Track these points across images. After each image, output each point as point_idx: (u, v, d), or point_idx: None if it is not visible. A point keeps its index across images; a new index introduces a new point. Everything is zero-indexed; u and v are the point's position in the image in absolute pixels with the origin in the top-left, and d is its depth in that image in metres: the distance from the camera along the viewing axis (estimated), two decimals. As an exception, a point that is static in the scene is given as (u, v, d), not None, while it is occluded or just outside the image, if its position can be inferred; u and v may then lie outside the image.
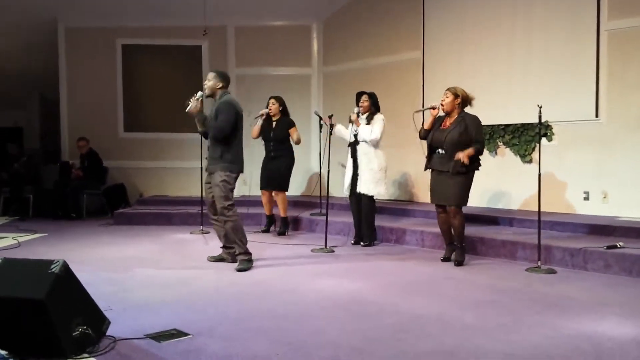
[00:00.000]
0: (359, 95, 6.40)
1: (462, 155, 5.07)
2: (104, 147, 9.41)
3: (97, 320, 3.16)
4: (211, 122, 5.17)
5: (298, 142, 7.15)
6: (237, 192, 9.35)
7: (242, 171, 5.34)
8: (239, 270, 5.09)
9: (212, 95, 5.22)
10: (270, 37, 9.78)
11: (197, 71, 9.62)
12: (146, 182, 9.94)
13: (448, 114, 5.31)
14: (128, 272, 5.04)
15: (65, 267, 2.95)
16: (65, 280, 2.94)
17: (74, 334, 2.93)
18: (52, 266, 2.89)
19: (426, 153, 5.44)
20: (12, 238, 6.78)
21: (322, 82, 9.78)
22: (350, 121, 6.33)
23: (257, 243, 6.55)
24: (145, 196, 9.77)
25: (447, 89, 5.33)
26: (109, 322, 3.25)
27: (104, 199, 9.36)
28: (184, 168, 9.48)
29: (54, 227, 7.85)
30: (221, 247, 5.45)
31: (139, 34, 9.78)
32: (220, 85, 5.20)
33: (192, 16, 9.29)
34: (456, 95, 5.27)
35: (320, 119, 6.86)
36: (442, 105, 5.29)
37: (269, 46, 9.76)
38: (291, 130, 7.06)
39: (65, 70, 9.84)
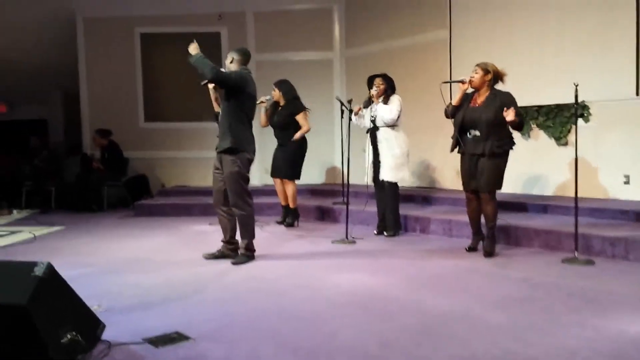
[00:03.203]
0: (371, 78, 6.05)
1: (512, 112, 4.62)
2: (124, 138, 9.27)
3: (90, 324, 2.93)
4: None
5: (305, 130, 6.67)
6: (260, 180, 9.20)
7: (253, 154, 5.00)
8: (235, 263, 4.85)
9: None
10: (290, 21, 9.45)
11: (216, 58, 9.28)
12: (168, 172, 9.78)
13: (477, 90, 4.95)
14: (138, 268, 4.83)
15: (50, 270, 2.71)
16: (51, 284, 2.70)
17: (62, 341, 2.70)
18: (36, 269, 2.66)
19: (453, 133, 5.06)
20: (29, 232, 6.66)
21: (345, 66, 9.42)
22: (366, 105, 6.01)
23: (275, 235, 6.32)
24: (167, 187, 9.62)
25: (477, 65, 4.97)
26: (104, 326, 3.03)
27: (126, 191, 9.23)
28: (205, 158, 9.18)
29: (74, 220, 7.73)
30: (223, 242, 5.12)
31: (158, 22, 9.58)
32: (232, 58, 4.95)
33: (210, 2, 9.04)
34: (487, 71, 4.90)
35: (342, 104, 6.51)
36: (472, 81, 4.92)
37: (289, 31, 9.44)
38: (298, 118, 6.67)
39: (84, 61, 9.72)
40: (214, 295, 3.96)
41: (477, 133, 4.87)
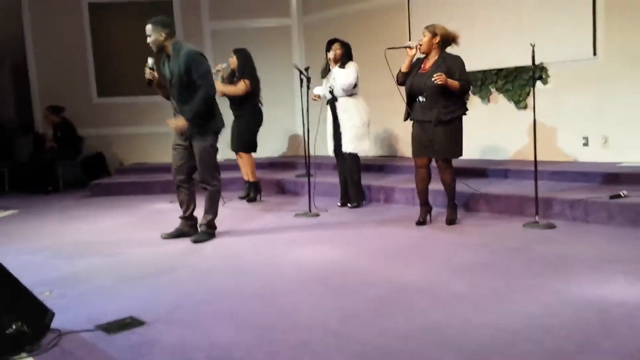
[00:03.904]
0: (330, 43, 5.90)
1: (442, 77, 4.50)
2: (78, 115, 8.93)
3: (37, 313, 2.79)
4: (177, 80, 4.53)
5: (230, 91, 6.42)
6: (222, 155, 8.96)
7: (223, 127, 4.83)
8: (195, 241, 4.72)
9: (160, 50, 4.58)
10: (245, -13, 9.17)
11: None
12: (126, 149, 9.50)
13: (427, 55, 4.82)
14: (93, 250, 4.66)
15: (-13, 259, 2.56)
16: (-11, 273, 2.56)
17: (7, 332, 2.57)
18: (-28, 258, 2.50)
19: (406, 101, 4.93)
20: (-20, 217, 6.41)
21: (303, 33, 9.21)
22: (324, 74, 5.88)
23: (237, 210, 6.21)
24: (125, 164, 9.36)
25: (425, 27, 4.81)
26: (53, 314, 2.88)
27: (82, 170, 8.94)
28: (165, 133, 8.89)
29: (28, 203, 7.46)
30: (182, 218, 4.95)
31: (106, -9, 9.19)
32: (164, 35, 4.51)
33: (161, -31, 8.69)
34: (434, 34, 4.74)
35: (301, 73, 6.30)
36: (420, 45, 4.78)
37: (245, -3, 9.16)
38: (240, 83, 6.42)
39: (30, 35, 9.28)
40: (172, 277, 3.84)
41: (424, 100, 4.72)
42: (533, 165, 4.83)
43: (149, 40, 4.53)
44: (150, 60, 4.62)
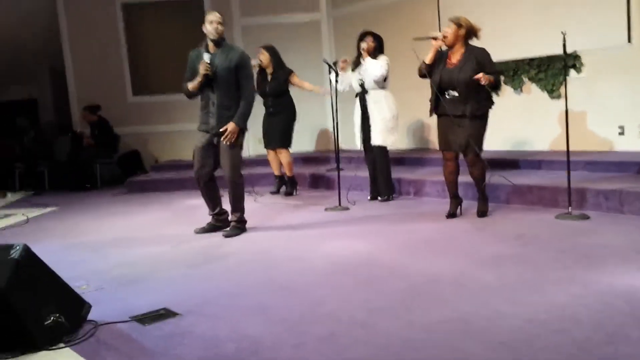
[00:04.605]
0: (363, 35, 5.89)
1: (483, 76, 4.48)
2: (113, 114, 9.15)
3: (74, 305, 2.90)
4: (225, 73, 4.61)
5: (311, 88, 6.60)
6: (253, 150, 9.09)
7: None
8: (227, 236, 4.79)
9: (219, 42, 4.67)
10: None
11: (200, 26, 9.16)
12: (160, 147, 9.69)
13: (451, 47, 4.78)
14: (128, 245, 4.79)
15: (27, 252, 2.67)
16: (28, 266, 2.66)
17: (46, 323, 2.68)
18: (12, 252, 2.62)
19: (431, 96, 4.87)
20: (22, 214, 6.63)
21: (333, 27, 9.22)
22: (354, 66, 5.86)
23: (268, 205, 6.27)
24: (161, 162, 9.54)
25: (450, 19, 4.78)
26: (90, 306, 3.00)
27: (119, 168, 9.17)
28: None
29: (67, 200, 7.69)
30: (212, 215, 5.04)
31: (139, -8, 9.37)
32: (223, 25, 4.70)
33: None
34: (459, 26, 4.69)
35: (330, 67, 6.33)
36: (445, 37, 4.74)
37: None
38: (293, 79, 6.57)
39: (67, 37, 9.53)
40: (204, 270, 3.93)
41: (455, 94, 4.69)
42: (566, 156, 4.75)
43: (215, 27, 4.59)
44: (206, 56, 4.64)
